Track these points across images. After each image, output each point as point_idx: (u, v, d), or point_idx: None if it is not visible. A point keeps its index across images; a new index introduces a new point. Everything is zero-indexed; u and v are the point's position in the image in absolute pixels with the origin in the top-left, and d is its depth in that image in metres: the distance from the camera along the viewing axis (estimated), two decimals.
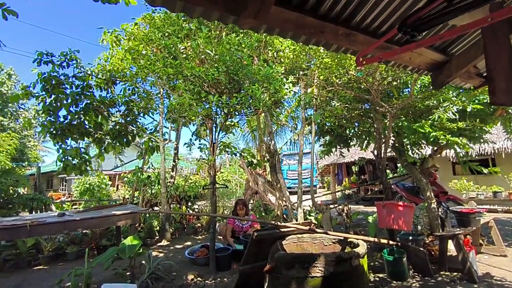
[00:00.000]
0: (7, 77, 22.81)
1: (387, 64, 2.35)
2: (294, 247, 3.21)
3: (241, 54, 3.33)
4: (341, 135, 5.62)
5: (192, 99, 3.43)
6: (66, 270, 4.17)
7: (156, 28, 3.81)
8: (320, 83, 4.78)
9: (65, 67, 5.46)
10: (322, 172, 16.71)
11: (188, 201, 7.67)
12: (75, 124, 5.45)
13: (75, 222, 4.34)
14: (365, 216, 6.20)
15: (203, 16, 1.41)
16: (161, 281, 3.89)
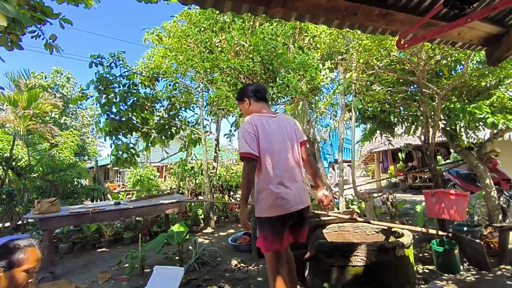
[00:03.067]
0: (66, 80, 25.24)
1: (432, 42, 2.17)
2: (334, 236, 3.18)
3: (275, 43, 3.30)
4: (384, 120, 5.33)
5: (229, 91, 3.50)
6: (124, 253, 4.62)
7: (193, 24, 3.94)
8: (359, 67, 4.56)
9: (113, 68, 5.92)
10: (366, 160, 16.05)
11: (230, 191, 7.93)
12: (125, 120, 5.92)
13: (129, 210, 4.76)
14: (412, 205, 5.87)
15: (233, 9, 1.44)
16: (207, 266, 4.12)
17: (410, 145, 5.53)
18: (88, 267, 4.55)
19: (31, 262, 1.51)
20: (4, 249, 1.47)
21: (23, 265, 1.47)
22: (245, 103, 2.23)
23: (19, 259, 1.47)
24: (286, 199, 1.92)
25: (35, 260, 1.53)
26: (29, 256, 1.51)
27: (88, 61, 5.62)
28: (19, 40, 5.19)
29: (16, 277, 1.45)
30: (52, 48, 5.58)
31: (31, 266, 1.50)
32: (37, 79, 21.16)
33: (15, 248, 1.48)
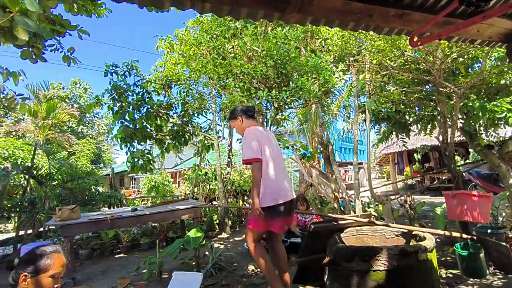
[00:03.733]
0: (83, 91, 26.02)
1: (449, 40, 2.12)
2: (353, 240, 3.13)
3: (287, 47, 3.31)
4: (399, 121, 5.24)
5: (242, 96, 3.53)
6: (141, 259, 4.68)
7: (205, 31, 4.00)
8: (372, 68, 4.51)
9: (127, 76, 6.06)
10: (381, 162, 15.78)
11: (244, 195, 7.93)
12: (139, 128, 6.03)
13: (146, 216, 4.82)
14: (432, 207, 5.73)
15: (249, 16, 1.45)
16: (224, 271, 4.12)
17: (426, 146, 5.40)
18: (107, 273, 4.63)
19: (57, 268, 1.54)
20: (31, 256, 1.52)
21: (50, 270, 1.51)
22: (238, 121, 2.77)
23: (46, 265, 1.51)
24: (284, 192, 2.55)
25: (61, 265, 1.57)
26: (55, 261, 1.55)
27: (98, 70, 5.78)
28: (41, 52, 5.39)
29: (43, 282, 1.48)
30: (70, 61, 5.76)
31: (57, 271, 1.54)
32: (56, 90, 21.88)
33: (42, 254, 1.53)
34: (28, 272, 1.45)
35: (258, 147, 2.47)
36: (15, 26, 3.86)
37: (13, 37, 3.96)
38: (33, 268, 1.47)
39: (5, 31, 3.91)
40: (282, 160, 2.75)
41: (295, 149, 5.61)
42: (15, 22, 3.81)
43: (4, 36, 4.06)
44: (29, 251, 1.55)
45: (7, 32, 3.92)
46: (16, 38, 4.02)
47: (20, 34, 3.92)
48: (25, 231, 6.07)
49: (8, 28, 3.83)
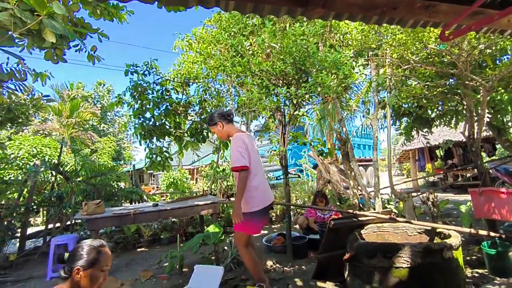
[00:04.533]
0: (106, 91, 26.87)
1: (478, 32, 2.04)
2: (374, 236, 3.09)
3: (306, 43, 3.28)
4: (421, 116, 5.09)
5: (260, 93, 3.54)
6: (163, 253, 4.81)
7: (223, 29, 4.03)
8: (393, 62, 4.40)
9: (147, 75, 6.21)
10: (400, 158, 15.38)
11: None
12: (158, 125, 6.17)
13: (166, 211, 4.94)
14: (456, 205, 5.54)
15: (272, 13, 1.46)
16: (243, 266, 4.17)
17: (450, 141, 5.22)
18: (130, 265, 4.79)
19: (106, 261, 1.64)
20: (82, 250, 1.60)
21: (100, 264, 1.60)
22: (218, 126, 2.79)
23: (96, 259, 1.60)
24: (268, 196, 2.74)
25: (109, 258, 1.66)
26: (104, 255, 1.64)
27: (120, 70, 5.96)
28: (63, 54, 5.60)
29: (94, 275, 1.58)
30: (94, 59, 5.97)
31: (106, 264, 1.63)
32: (79, 89, 22.68)
33: (92, 249, 1.61)
34: (80, 265, 1.54)
35: (247, 155, 2.57)
36: (43, 29, 4.03)
37: (41, 39, 4.14)
38: (85, 262, 1.56)
39: (34, 34, 4.09)
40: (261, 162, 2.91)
41: (313, 145, 5.57)
42: (43, 25, 3.98)
43: (33, 39, 4.25)
44: (78, 246, 1.63)
45: (35, 34, 4.11)
46: (43, 40, 4.20)
47: (48, 36, 4.09)
48: (54, 225, 6.37)
49: (37, 31, 4.02)
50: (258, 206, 2.64)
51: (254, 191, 2.62)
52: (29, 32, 3.94)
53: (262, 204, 2.66)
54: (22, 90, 6.06)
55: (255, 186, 2.63)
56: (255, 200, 2.62)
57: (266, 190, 2.77)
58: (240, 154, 2.54)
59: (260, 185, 2.67)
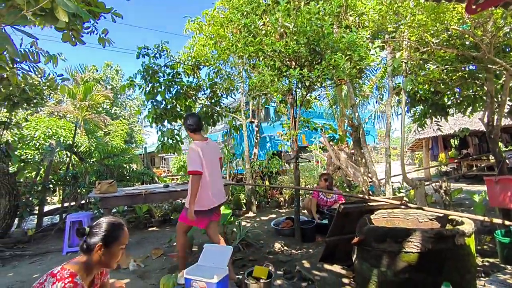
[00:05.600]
0: (115, 73, 27.00)
1: (506, 7, 1.91)
2: (384, 222, 3.06)
3: (321, 23, 3.17)
4: (437, 103, 4.92)
5: (272, 75, 3.47)
6: (173, 232, 4.92)
7: (235, 9, 3.93)
8: (411, 45, 4.22)
9: (157, 58, 6.18)
10: (413, 147, 15.09)
11: (270, 177, 8.00)
12: (169, 108, 6.19)
13: (177, 192, 5.01)
14: (469, 195, 5.44)
15: None
16: (251, 247, 4.25)
17: (467, 130, 5.05)
18: (141, 244, 4.94)
19: (124, 239, 1.68)
20: (104, 227, 1.64)
21: (120, 241, 1.65)
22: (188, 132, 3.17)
23: (118, 235, 1.65)
24: (218, 198, 3.12)
25: (126, 237, 1.70)
26: (123, 233, 1.68)
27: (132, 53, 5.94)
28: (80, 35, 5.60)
29: (114, 251, 1.63)
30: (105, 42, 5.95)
31: (124, 242, 1.68)
32: (91, 72, 22.89)
33: (113, 226, 1.66)
34: (102, 242, 1.58)
35: (200, 161, 2.93)
36: (56, 8, 4.03)
37: (54, 19, 4.13)
38: (106, 238, 1.60)
39: (46, 13, 4.09)
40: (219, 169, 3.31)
41: (324, 131, 5.50)
42: (55, 3, 3.97)
43: (45, 18, 4.26)
44: (100, 223, 1.66)
45: (48, 13, 4.11)
46: (56, 20, 4.19)
47: (61, 15, 4.08)
48: (69, 203, 6.59)
49: (49, 9, 4.01)
50: (206, 206, 3.01)
51: (205, 193, 2.99)
52: (42, 11, 3.95)
53: (210, 205, 3.05)
54: (35, 72, 6.15)
55: (206, 190, 3.00)
56: (204, 201, 3.00)
57: (217, 193, 3.14)
58: (193, 159, 2.93)
59: (211, 189, 3.06)
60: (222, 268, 2.50)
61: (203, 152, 3.00)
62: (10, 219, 5.33)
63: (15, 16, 3.93)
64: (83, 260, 1.59)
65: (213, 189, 3.07)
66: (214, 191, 3.10)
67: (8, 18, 4.05)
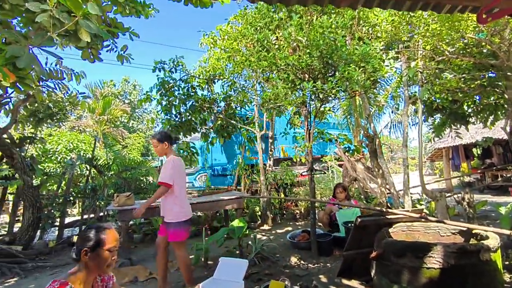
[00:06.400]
0: (133, 87, 27.89)
1: None
2: (403, 235, 2.97)
3: (334, 36, 3.20)
4: (456, 112, 4.81)
5: (285, 88, 3.51)
6: (188, 245, 4.94)
7: (249, 24, 4.02)
8: (426, 54, 4.18)
9: (173, 72, 6.38)
10: (432, 157, 14.63)
11: (285, 189, 7.94)
12: (185, 121, 6.33)
13: (192, 205, 5.04)
14: (494, 207, 5.20)
15: (299, 3, 1.44)
16: (267, 261, 4.19)
17: (490, 139, 4.88)
18: None
19: (112, 242, 1.70)
20: (88, 232, 1.68)
21: (106, 244, 1.66)
22: (163, 144, 3.30)
23: (102, 239, 1.66)
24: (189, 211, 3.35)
25: (115, 239, 1.72)
26: (109, 236, 1.69)
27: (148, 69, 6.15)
28: (98, 53, 5.86)
29: (102, 255, 1.64)
30: (123, 59, 6.20)
31: (112, 245, 1.69)
32: (109, 88, 23.73)
33: (97, 231, 1.68)
34: (87, 247, 1.61)
35: (173, 175, 3.17)
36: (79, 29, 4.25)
37: (77, 39, 4.36)
38: (91, 243, 1.63)
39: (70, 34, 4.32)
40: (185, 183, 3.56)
41: (339, 142, 5.45)
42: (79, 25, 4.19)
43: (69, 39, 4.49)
44: (85, 229, 1.72)
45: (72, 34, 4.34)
46: (79, 40, 4.42)
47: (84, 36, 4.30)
48: (88, 215, 6.75)
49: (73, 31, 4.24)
50: (184, 218, 3.24)
51: (181, 206, 3.25)
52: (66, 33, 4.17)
53: (186, 216, 3.27)
54: (59, 89, 6.46)
55: (182, 202, 3.27)
56: (182, 213, 3.24)
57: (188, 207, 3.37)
58: (170, 174, 3.17)
59: (185, 202, 3.34)
60: (238, 282, 2.49)
61: (179, 169, 3.31)
62: (33, 231, 5.51)
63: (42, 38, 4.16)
64: (75, 270, 1.62)
65: (186, 203, 3.38)
66: (187, 204, 3.40)
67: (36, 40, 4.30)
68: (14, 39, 4.02)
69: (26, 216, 5.42)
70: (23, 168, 5.24)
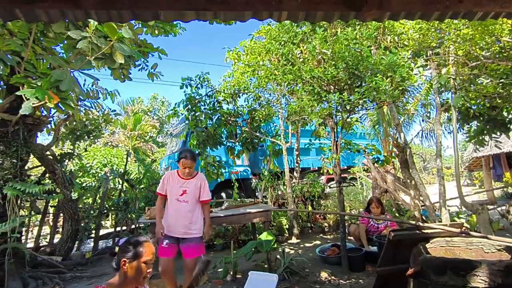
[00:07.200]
0: (161, 104, 29.09)
1: None
2: (442, 251, 2.80)
3: (359, 47, 3.18)
4: (495, 118, 4.53)
5: (311, 100, 3.51)
6: (217, 258, 4.96)
7: (273, 39, 4.11)
8: (458, 60, 4.01)
9: (199, 88, 6.61)
10: (470, 166, 13.74)
11: (312, 201, 7.80)
12: (211, 135, 6.49)
13: (220, 218, 5.11)
14: None
15: (324, 19, 1.46)
16: (296, 276, 4.10)
17: None
18: None
19: (149, 255, 1.78)
20: (128, 244, 1.78)
21: (143, 257, 1.75)
22: None
23: (140, 251, 1.75)
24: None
25: (151, 253, 1.81)
26: (147, 249, 1.79)
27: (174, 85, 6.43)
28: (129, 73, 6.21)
29: (139, 267, 1.73)
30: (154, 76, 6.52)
31: (149, 258, 1.78)
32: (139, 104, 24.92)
33: (137, 243, 1.78)
34: (126, 258, 1.70)
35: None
36: (114, 52, 4.56)
37: (112, 61, 4.68)
38: (130, 255, 1.72)
39: (106, 57, 4.64)
40: None
41: (367, 153, 5.31)
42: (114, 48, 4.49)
43: (105, 61, 4.83)
44: (126, 240, 1.83)
45: (108, 57, 4.66)
46: (114, 62, 4.74)
47: (118, 58, 4.60)
48: (121, 228, 7.02)
49: (109, 54, 4.55)
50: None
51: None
52: (102, 56, 4.49)
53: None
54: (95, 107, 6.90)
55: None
56: None
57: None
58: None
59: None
60: None
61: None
62: (72, 242, 5.82)
63: (82, 62, 4.50)
64: (115, 279, 1.71)
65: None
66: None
67: (76, 64, 4.65)
68: (58, 64, 4.39)
69: (66, 228, 5.74)
70: (63, 182, 5.59)
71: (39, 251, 5.69)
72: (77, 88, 4.58)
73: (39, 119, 5.18)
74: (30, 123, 4.97)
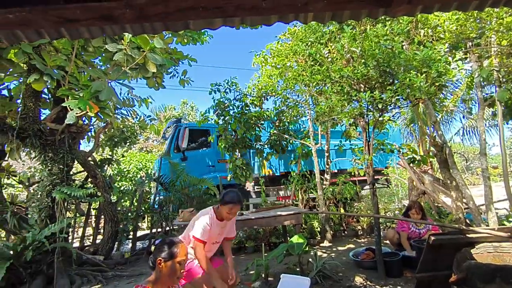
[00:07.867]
0: (191, 109, 30.00)
1: None
2: (489, 257, 2.59)
3: (391, 43, 3.06)
4: None
5: (341, 100, 3.44)
6: (248, 261, 5.00)
7: (299, 40, 4.09)
8: (502, 50, 3.71)
9: (228, 92, 6.75)
10: None
11: (345, 203, 7.60)
12: (240, 138, 6.58)
13: (251, 221, 5.13)
14: None
15: (352, 18, 1.43)
16: (329, 280, 4.01)
17: None
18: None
19: (183, 255, 1.87)
20: (164, 244, 1.88)
21: (178, 257, 1.83)
22: None
23: (175, 252, 1.84)
24: None
25: (185, 254, 1.90)
26: (181, 250, 1.88)
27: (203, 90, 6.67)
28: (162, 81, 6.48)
29: (173, 266, 1.82)
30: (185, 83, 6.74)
31: (183, 258, 1.87)
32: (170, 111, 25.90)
33: (172, 244, 1.88)
34: (162, 257, 1.80)
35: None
36: (147, 62, 4.80)
37: (145, 70, 4.93)
38: (166, 254, 1.81)
39: (140, 67, 4.90)
40: None
41: (402, 153, 5.08)
42: (147, 58, 4.73)
43: (139, 71, 5.09)
44: (161, 241, 1.94)
45: (141, 67, 4.91)
46: (147, 71, 5.00)
47: (151, 67, 4.84)
48: (156, 229, 7.31)
49: (142, 64, 4.80)
50: None
51: None
52: (136, 66, 4.75)
53: None
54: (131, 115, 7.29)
55: None
56: None
57: None
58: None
59: None
60: None
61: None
62: (112, 242, 6.16)
63: (118, 72, 4.78)
64: (151, 278, 1.81)
65: None
66: None
67: (113, 75, 4.96)
68: (97, 76, 4.71)
69: (107, 229, 6.10)
70: (104, 186, 5.95)
71: (83, 251, 6.09)
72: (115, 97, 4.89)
73: (81, 127, 5.57)
74: (74, 132, 5.36)
